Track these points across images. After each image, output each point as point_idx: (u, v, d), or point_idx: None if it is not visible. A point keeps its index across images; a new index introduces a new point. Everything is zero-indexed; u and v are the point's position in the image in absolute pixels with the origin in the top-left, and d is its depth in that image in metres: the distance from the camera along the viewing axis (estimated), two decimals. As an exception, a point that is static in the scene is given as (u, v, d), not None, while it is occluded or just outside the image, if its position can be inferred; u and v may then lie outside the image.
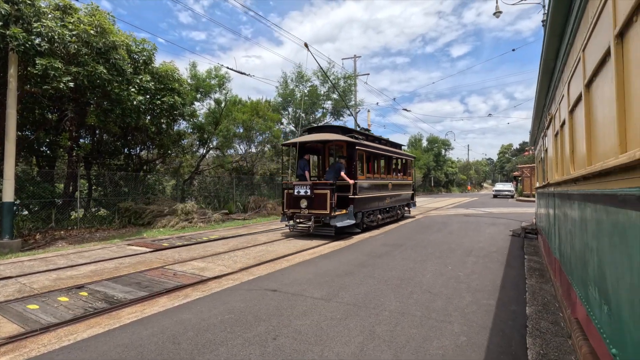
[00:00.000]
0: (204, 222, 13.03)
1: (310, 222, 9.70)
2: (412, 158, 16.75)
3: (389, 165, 13.58)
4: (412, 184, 16.35)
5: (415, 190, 17.03)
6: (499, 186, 38.95)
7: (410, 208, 16.36)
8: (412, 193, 16.22)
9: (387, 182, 12.93)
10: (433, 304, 4.24)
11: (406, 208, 15.66)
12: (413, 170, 17.36)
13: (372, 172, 11.95)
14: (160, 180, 16.09)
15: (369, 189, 11.39)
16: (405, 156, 15.52)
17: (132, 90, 10.50)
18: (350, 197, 10.15)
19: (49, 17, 8.66)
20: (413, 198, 16.39)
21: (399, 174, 14.68)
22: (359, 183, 10.54)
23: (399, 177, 14.56)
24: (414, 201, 16.55)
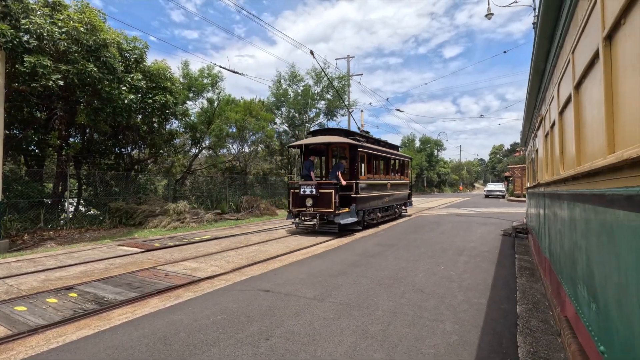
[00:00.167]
0: (196, 222, 12.94)
1: (315, 219, 10.18)
2: (408, 159, 17.33)
3: (387, 166, 14.09)
4: (408, 184, 16.95)
5: (411, 190, 17.65)
6: (491, 186, 39.37)
7: (407, 207, 16.91)
8: (408, 193, 16.81)
9: (386, 182, 13.46)
10: (425, 303, 4.27)
11: (403, 207, 16.23)
12: (410, 170, 17.96)
13: (372, 172, 12.45)
14: (152, 180, 15.92)
15: (370, 189, 11.86)
16: (402, 157, 16.05)
17: (123, 88, 10.38)
18: (353, 196, 10.66)
19: (37, 13, 8.52)
20: (409, 197, 16.94)
21: (396, 175, 15.19)
22: (360, 183, 11.03)
23: (397, 177, 15.10)
24: (411, 200, 17.11)
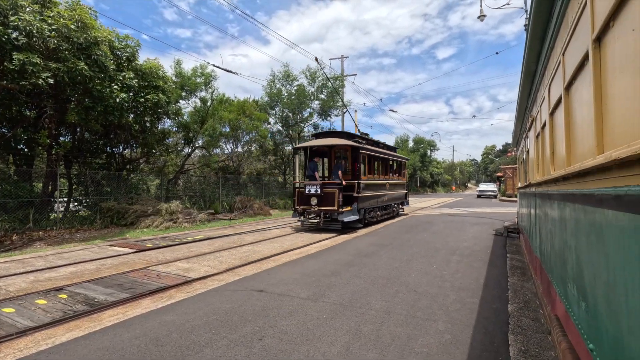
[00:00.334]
0: (189, 222, 12.84)
1: (319, 217, 10.73)
2: (405, 160, 17.97)
3: (386, 166, 14.70)
4: (405, 184, 17.68)
5: (408, 190, 18.34)
6: (483, 186, 39.72)
7: (404, 206, 17.58)
8: (405, 192, 17.52)
9: (384, 182, 14.12)
10: (418, 303, 4.29)
11: (401, 206, 16.96)
12: (406, 171, 18.76)
13: (372, 173, 13.08)
14: (144, 179, 15.77)
15: (370, 188, 12.46)
16: (399, 158, 16.69)
17: (115, 87, 10.26)
18: (355, 195, 11.26)
19: (27, 10, 8.38)
20: (406, 197, 17.65)
21: (394, 175, 15.82)
22: (362, 183, 11.63)
23: (395, 178, 15.76)
24: (407, 200, 17.82)
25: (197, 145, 19.44)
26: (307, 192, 10.95)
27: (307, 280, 5.27)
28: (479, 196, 37.77)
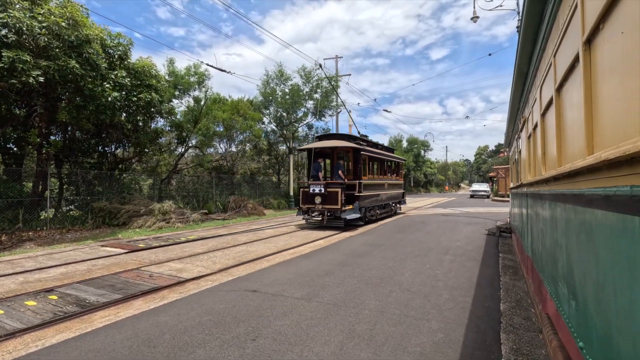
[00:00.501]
0: (182, 222, 12.75)
1: (324, 215, 11.32)
2: (402, 160, 18.81)
3: (385, 167, 15.40)
4: (403, 184, 18.47)
5: (405, 190, 19.07)
6: (476, 186, 40.03)
7: (401, 205, 18.23)
8: (403, 192, 18.28)
9: (383, 182, 14.80)
10: (411, 302, 4.31)
11: (398, 205, 17.60)
12: (403, 171, 19.50)
13: (372, 173, 13.82)
14: (136, 179, 15.62)
15: (370, 188, 13.08)
16: (397, 159, 17.48)
17: (107, 86, 10.15)
18: (356, 194, 11.87)
19: (16, 7, 8.26)
20: (403, 196, 18.41)
21: (392, 175, 16.57)
22: (363, 183, 12.20)
23: (393, 178, 16.50)
24: (404, 199, 18.60)
25: (190, 144, 19.30)
26: (311, 191, 11.47)
27: (301, 280, 5.26)
28: (471, 196, 38.05)
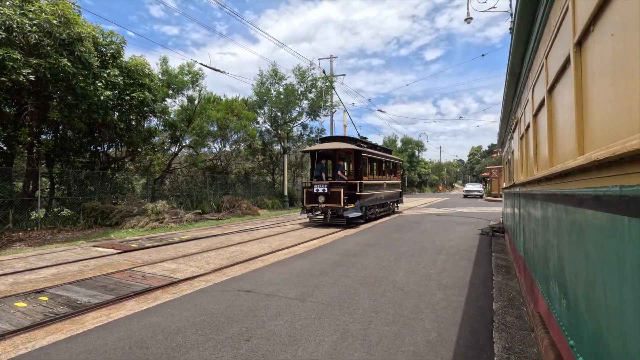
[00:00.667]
0: (175, 222, 12.66)
1: (327, 214, 11.89)
2: (400, 161, 19.45)
3: (383, 167, 16.06)
4: (400, 184, 19.20)
5: (402, 189, 19.76)
6: (469, 186, 40.32)
7: (399, 204, 18.91)
8: (400, 191, 18.96)
9: (383, 182, 15.49)
10: (405, 302, 4.33)
11: (396, 204, 18.28)
12: (401, 171, 20.16)
13: (372, 174, 14.45)
14: (129, 179, 15.48)
15: (371, 188, 13.72)
16: (395, 160, 18.14)
17: (99, 84, 10.05)
18: (357, 194, 12.46)
19: (6, 4, 8.14)
20: (401, 195, 19.11)
21: (390, 175, 17.21)
22: (363, 183, 12.80)
23: (391, 178, 17.16)
24: (402, 198, 19.30)
25: (184, 144, 19.18)
26: (315, 191, 12.07)
27: (295, 280, 5.26)
28: (465, 196, 38.32)
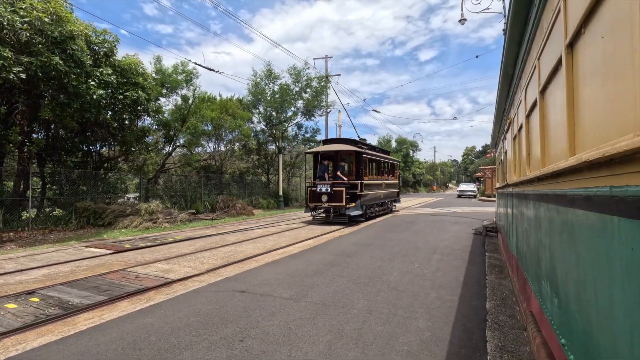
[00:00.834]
0: (169, 222, 12.58)
1: (329, 212, 12.57)
2: (397, 162, 20.16)
3: (382, 168, 16.74)
4: (397, 184, 19.88)
5: (400, 189, 20.42)
6: (463, 186, 40.61)
7: (396, 203, 19.61)
8: (397, 191, 19.66)
9: (381, 182, 16.15)
10: (399, 301, 4.35)
11: (394, 203, 19.01)
12: (398, 172, 20.87)
13: (372, 174, 15.05)
14: (122, 178, 15.34)
15: (370, 187, 14.33)
16: (393, 160, 18.88)
17: (92, 83, 9.94)
18: (358, 193, 13.08)
19: (-3, 1, 8.01)
20: (398, 195, 19.84)
21: (389, 175, 17.84)
22: (364, 182, 13.42)
23: (389, 178, 17.83)
24: (399, 198, 20.10)
25: (178, 143, 19.05)
26: (318, 190, 12.73)
27: (289, 281, 5.25)
28: (459, 196, 38.56)
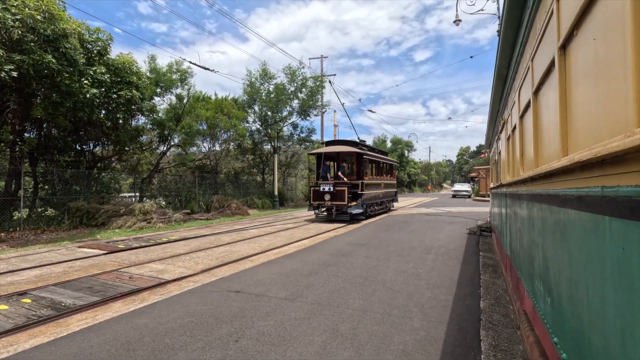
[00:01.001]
0: (163, 222, 12.50)
1: (332, 210, 13.21)
2: (395, 162, 20.91)
3: (381, 169, 17.46)
4: (395, 184, 20.53)
5: (397, 189, 21.28)
6: (457, 186, 40.82)
7: (394, 203, 20.25)
8: (395, 191, 20.32)
9: (380, 182, 16.85)
10: (394, 301, 4.36)
11: (392, 202, 19.67)
12: (396, 172, 21.75)
13: (372, 174, 15.74)
14: (116, 178, 15.22)
15: (370, 187, 14.93)
16: (391, 161, 19.61)
17: (85, 82, 9.85)
18: (359, 192, 13.68)
19: (-12, -2, 7.91)
20: (396, 195, 20.52)
21: (387, 176, 18.56)
22: (365, 182, 14.03)
23: (388, 178, 18.58)
24: (397, 197, 20.85)
25: (172, 143, 18.92)
26: (321, 189, 13.32)
27: (285, 281, 5.24)
28: (453, 196, 38.76)
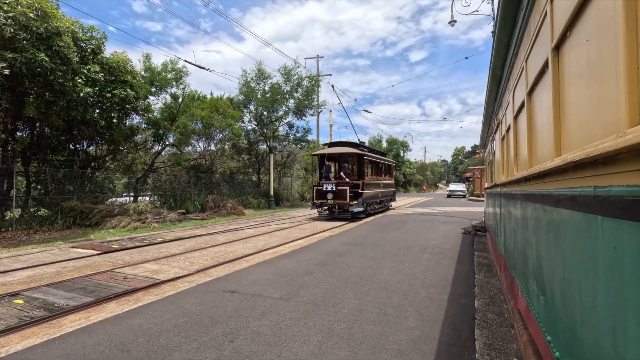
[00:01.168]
0: (158, 222, 12.43)
1: (334, 209, 13.95)
2: (394, 163, 21.66)
3: (381, 169, 18.19)
4: (394, 183, 21.26)
5: (395, 189, 22.28)
6: (453, 186, 41.04)
7: (392, 202, 20.91)
8: (394, 190, 21.07)
9: (380, 182, 17.54)
10: (390, 300, 4.37)
11: (390, 202, 20.42)
12: (395, 172, 22.74)
13: (371, 174, 16.42)
14: (110, 178, 15.10)
15: (370, 187, 15.57)
16: (390, 162, 20.35)
17: (79, 81, 9.76)
18: (360, 192, 14.39)
19: (-21, -5, 7.81)
20: (394, 194, 21.24)
21: (386, 176, 19.25)
22: (365, 182, 14.76)
23: (387, 178, 19.29)
24: (395, 197, 21.50)
25: (167, 142, 18.81)
26: (324, 189, 13.96)
27: (280, 280, 5.24)
28: (449, 196, 38.96)
